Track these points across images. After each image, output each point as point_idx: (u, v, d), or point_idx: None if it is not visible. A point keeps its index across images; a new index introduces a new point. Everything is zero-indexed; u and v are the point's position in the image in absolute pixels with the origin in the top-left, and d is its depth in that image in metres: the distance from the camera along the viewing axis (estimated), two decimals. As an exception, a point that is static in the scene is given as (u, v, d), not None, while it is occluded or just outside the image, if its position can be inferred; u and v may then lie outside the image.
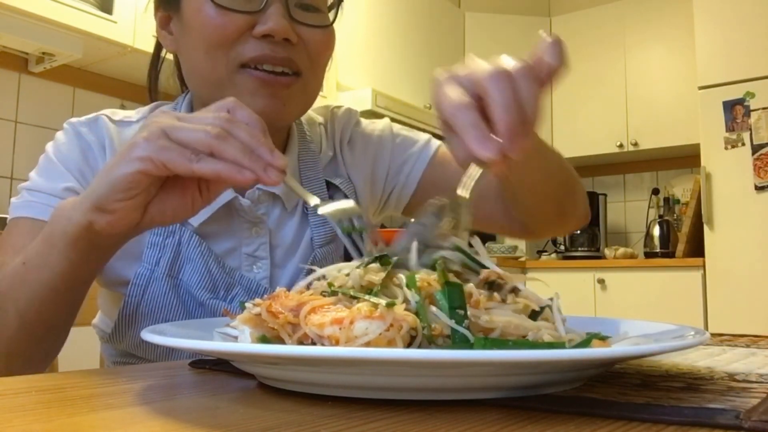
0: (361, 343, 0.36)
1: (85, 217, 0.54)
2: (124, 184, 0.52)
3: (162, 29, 0.81)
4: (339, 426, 0.31)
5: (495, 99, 0.47)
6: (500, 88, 0.47)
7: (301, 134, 0.88)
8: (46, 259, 0.58)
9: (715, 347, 0.61)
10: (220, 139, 0.50)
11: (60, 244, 0.57)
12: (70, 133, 0.80)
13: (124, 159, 0.52)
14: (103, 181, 0.53)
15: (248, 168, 0.50)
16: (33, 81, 2.30)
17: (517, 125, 0.47)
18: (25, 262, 0.59)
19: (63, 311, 0.63)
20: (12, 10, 1.89)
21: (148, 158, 0.51)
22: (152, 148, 0.51)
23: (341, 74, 2.97)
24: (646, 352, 0.39)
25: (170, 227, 0.75)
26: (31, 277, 0.59)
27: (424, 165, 0.90)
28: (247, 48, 0.72)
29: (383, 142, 0.92)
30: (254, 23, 0.72)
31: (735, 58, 2.95)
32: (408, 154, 0.91)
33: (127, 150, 0.52)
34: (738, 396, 0.37)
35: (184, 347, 0.40)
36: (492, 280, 0.43)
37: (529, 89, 0.48)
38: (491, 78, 0.48)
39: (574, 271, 3.36)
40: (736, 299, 2.84)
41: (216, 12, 0.72)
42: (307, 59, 0.76)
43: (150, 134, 0.51)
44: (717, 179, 2.95)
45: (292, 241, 0.82)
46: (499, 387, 0.37)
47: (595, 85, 3.76)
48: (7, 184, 2.22)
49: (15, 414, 0.35)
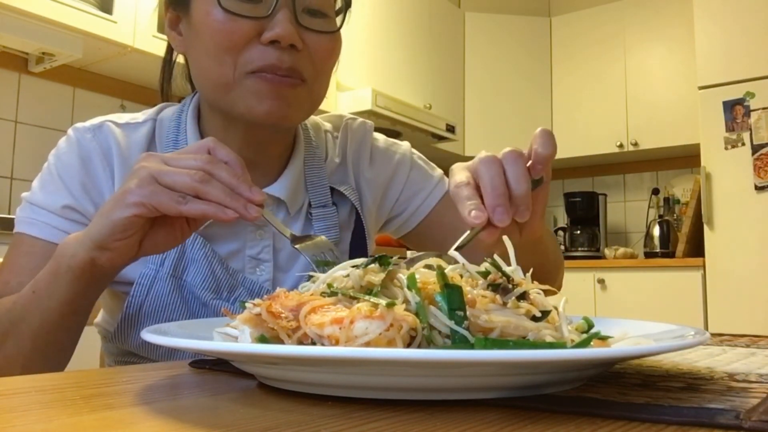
0: (361, 343, 0.36)
1: (88, 254, 0.61)
2: (120, 226, 0.59)
3: (171, 30, 0.82)
4: (339, 426, 0.31)
5: (483, 179, 0.56)
6: (489, 170, 0.56)
7: (307, 139, 0.89)
8: (53, 289, 0.63)
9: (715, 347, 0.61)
10: (204, 182, 0.57)
11: (65, 277, 0.62)
12: (72, 140, 0.80)
13: (119, 204, 0.58)
14: (102, 224, 0.60)
15: (230, 207, 0.57)
16: (33, 81, 2.30)
17: (500, 199, 0.55)
18: (34, 291, 0.65)
19: (70, 332, 0.68)
20: (12, 10, 1.89)
21: (141, 204, 0.57)
22: (144, 193, 0.57)
23: (341, 74, 2.97)
24: (646, 352, 0.39)
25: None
26: (41, 304, 0.64)
27: (435, 201, 0.94)
28: (254, 55, 0.73)
29: (402, 166, 0.95)
30: (262, 29, 0.73)
31: (735, 58, 2.95)
32: (422, 185, 0.95)
33: (120, 195, 0.59)
34: (738, 396, 0.37)
35: (184, 347, 0.40)
36: (498, 282, 0.43)
37: (515, 171, 0.56)
38: (483, 162, 0.57)
39: (574, 271, 3.36)
40: (736, 299, 2.84)
41: (224, 17, 0.72)
42: (311, 66, 0.76)
43: (141, 180, 0.58)
44: (717, 179, 2.95)
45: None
46: (499, 387, 0.37)
47: (595, 85, 3.76)
48: (7, 184, 2.22)
49: (15, 414, 0.35)
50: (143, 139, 0.81)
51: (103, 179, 0.78)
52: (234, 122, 0.79)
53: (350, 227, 0.89)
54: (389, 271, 0.43)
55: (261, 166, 0.83)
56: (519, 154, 0.57)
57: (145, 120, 0.83)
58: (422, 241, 0.96)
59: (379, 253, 0.48)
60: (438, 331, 0.39)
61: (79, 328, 0.68)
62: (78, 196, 0.76)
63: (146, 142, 0.81)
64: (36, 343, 0.65)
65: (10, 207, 2.18)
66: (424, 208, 0.94)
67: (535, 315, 0.41)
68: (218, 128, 0.81)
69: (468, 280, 0.45)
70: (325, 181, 0.87)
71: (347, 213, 0.89)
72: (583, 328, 0.46)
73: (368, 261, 0.45)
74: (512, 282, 0.43)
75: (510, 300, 0.42)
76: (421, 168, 0.96)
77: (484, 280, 0.44)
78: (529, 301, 0.42)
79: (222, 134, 0.80)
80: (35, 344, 0.65)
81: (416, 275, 0.42)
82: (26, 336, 0.65)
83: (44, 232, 0.75)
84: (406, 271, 0.44)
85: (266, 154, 0.83)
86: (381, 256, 0.46)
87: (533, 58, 3.94)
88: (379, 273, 0.43)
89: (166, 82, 0.90)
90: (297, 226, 0.84)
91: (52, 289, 0.63)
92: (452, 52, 3.79)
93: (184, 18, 0.79)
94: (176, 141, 0.81)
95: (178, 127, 0.82)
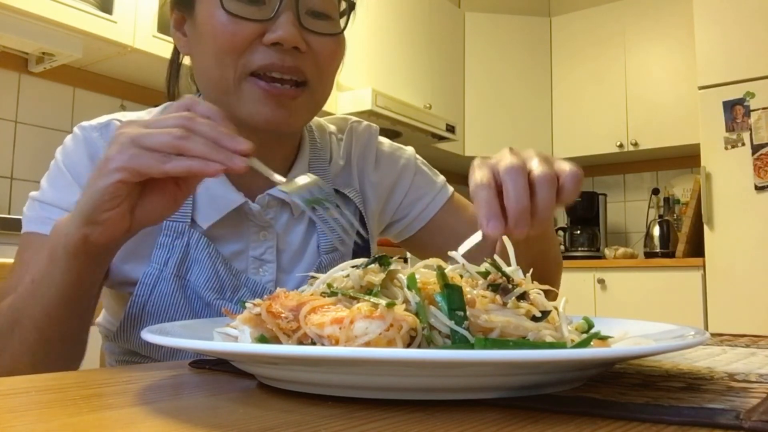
0: (361, 343, 0.36)
1: (80, 231, 0.59)
2: (106, 195, 0.56)
3: (176, 30, 0.82)
4: (339, 426, 0.31)
5: (509, 189, 0.54)
6: (515, 181, 0.54)
7: (312, 140, 0.89)
8: (52, 274, 0.62)
9: (715, 347, 0.61)
10: (184, 139, 0.55)
11: (62, 259, 0.61)
12: (79, 138, 0.79)
13: (102, 173, 0.57)
14: (88, 197, 0.58)
15: (215, 160, 0.55)
16: (33, 81, 2.30)
17: (524, 214, 0.53)
18: (33, 280, 0.63)
19: (75, 321, 0.66)
20: (12, 10, 1.89)
21: (123, 168, 0.56)
22: (125, 158, 0.56)
23: (341, 74, 2.96)
24: (646, 352, 0.39)
25: (180, 228, 0.76)
26: (41, 292, 0.62)
27: (438, 207, 0.94)
28: (256, 56, 0.73)
29: (406, 171, 0.95)
30: (264, 31, 0.72)
31: (735, 58, 2.95)
32: (426, 191, 0.95)
33: (102, 164, 0.57)
34: (738, 396, 0.37)
35: (184, 347, 0.40)
36: (498, 283, 0.43)
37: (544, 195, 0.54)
38: (511, 170, 0.54)
39: (574, 271, 3.36)
40: (736, 299, 2.84)
41: (228, 19, 0.72)
42: (314, 68, 0.76)
43: (121, 146, 0.56)
44: (717, 179, 2.95)
45: (299, 246, 0.83)
46: (499, 387, 0.37)
47: (595, 85, 3.76)
48: (7, 184, 2.22)
49: (15, 414, 0.35)
50: None
51: None
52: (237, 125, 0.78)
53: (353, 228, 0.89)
54: (389, 271, 0.43)
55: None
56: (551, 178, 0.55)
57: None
58: (422, 246, 0.96)
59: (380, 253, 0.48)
60: (438, 331, 0.39)
61: (84, 316, 0.67)
62: None
63: None
64: (41, 335, 0.63)
65: (10, 207, 2.18)
66: (426, 213, 0.94)
67: (535, 315, 0.41)
68: None
69: (468, 280, 0.45)
70: (330, 183, 0.87)
71: (351, 214, 0.89)
72: (583, 328, 0.46)
73: (368, 261, 0.45)
74: (512, 282, 0.43)
75: (510, 300, 0.42)
76: (425, 173, 0.97)
77: (484, 280, 0.44)
78: (529, 301, 0.42)
79: None
80: (41, 336, 0.63)
81: (416, 275, 0.42)
82: (30, 329, 0.63)
83: None
84: (406, 271, 0.44)
85: (271, 156, 0.82)
86: (381, 257, 0.46)
87: (533, 58, 3.94)
88: (379, 273, 0.43)
89: (173, 83, 0.89)
90: (300, 228, 0.84)
91: (50, 275, 0.62)
92: (452, 52, 3.79)
93: (189, 19, 0.79)
94: None
95: None
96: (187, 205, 0.77)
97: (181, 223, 0.76)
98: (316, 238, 0.84)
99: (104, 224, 0.58)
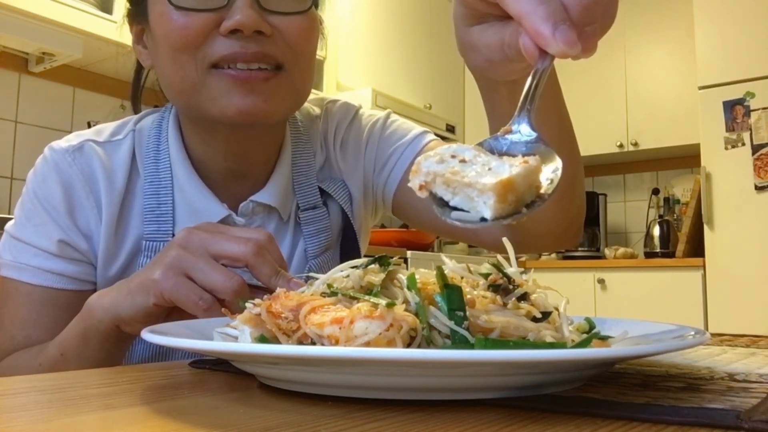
0: (361, 343, 0.36)
1: (114, 322, 0.61)
2: (143, 312, 0.59)
3: (137, 44, 0.79)
4: (339, 426, 0.31)
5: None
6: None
7: (296, 134, 0.84)
8: (84, 351, 0.63)
9: (715, 347, 0.61)
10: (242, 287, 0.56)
11: (95, 340, 0.62)
12: (51, 165, 0.76)
13: (143, 290, 0.58)
14: (127, 303, 0.59)
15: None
16: (33, 81, 2.30)
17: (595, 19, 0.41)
18: (63, 354, 0.65)
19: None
20: (12, 10, 1.89)
21: (160, 295, 0.57)
22: (166, 287, 0.57)
23: (341, 74, 2.97)
24: (646, 352, 0.39)
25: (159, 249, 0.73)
26: (72, 364, 0.64)
27: (408, 160, 0.83)
28: (215, 47, 0.68)
29: (372, 136, 0.86)
30: (221, 20, 0.67)
31: (735, 58, 2.95)
32: (395, 147, 0.84)
33: (147, 279, 0.58)
34: (738, 396, 0.37)
35: (184, 347, 0.40)
36: (498, 283, 0.43)
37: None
38: None
39: (574, 271, 3.36)
40: (736, 299, 2.84)
41: (177, 14, 0.68)
42: (288, 51, 0.70)
43: (167, 269, 0.57)
44: (717, 179, 2.95)
45: (287, 253, 0.81)
46: (499, 387, 0.37)
47: (595, 85, 3.76)
48: (7, 184, 2.22)
49: (15, 414, 0.35)
50: (127, 154, 0.78)
51: (88, 208, 0.75)
52: (213, 129, 0.75)
53: (341, 226, 0.86)
54: (389, 271, 0.43)
55: (250, 174, 0.79)
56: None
57: (125, 134, 0.80)
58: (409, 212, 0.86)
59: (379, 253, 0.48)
60: (438, 331, 0.39)
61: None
62: (66, 227, 0.73)
63: (130, 158, 0.78)
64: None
65: (9, 207, 2.18)
66: (398, 169, 0.83)
67: (535, 316, 0.41)
68: (199, 139, 0.77)
69: (468, 280, 0.45)
70: (313, 181, 0.83)
71: (338, 212, 0.85)
72: (584, 328, 0.46)
73: (368, 261, 0.45)
74: (513, 283, 0.43)
75: (510, 301, 0.42)
76: (395, 129, 0.86)
77: (484, 280, 0.44)
78: (530, 302, 0.42)
79: (203, 146, 0.77)
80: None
81: (416, 275, 0.42)
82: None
83: (40, 278, 0.72)
84: (406, 271, 0.44)
85: (254, 159, 0.79)
86: (381, 257, 0.46)
87: (533, 58, 3.94)
88: (379, 273, 0.43)
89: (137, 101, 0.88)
90: (287, 233, 0.82)
91: (82, 352, 0.63)
92: (452, 52, 3.77)
93: (147, 28, 0.75)
94: (157, 150, 0.78)
95: (159, 135, 0.79)
96: (166, 222, 0.75)
97: (161, 242, 0.74)
98: (303, 242, 0.82)
99: (139, 326, 0.59)
